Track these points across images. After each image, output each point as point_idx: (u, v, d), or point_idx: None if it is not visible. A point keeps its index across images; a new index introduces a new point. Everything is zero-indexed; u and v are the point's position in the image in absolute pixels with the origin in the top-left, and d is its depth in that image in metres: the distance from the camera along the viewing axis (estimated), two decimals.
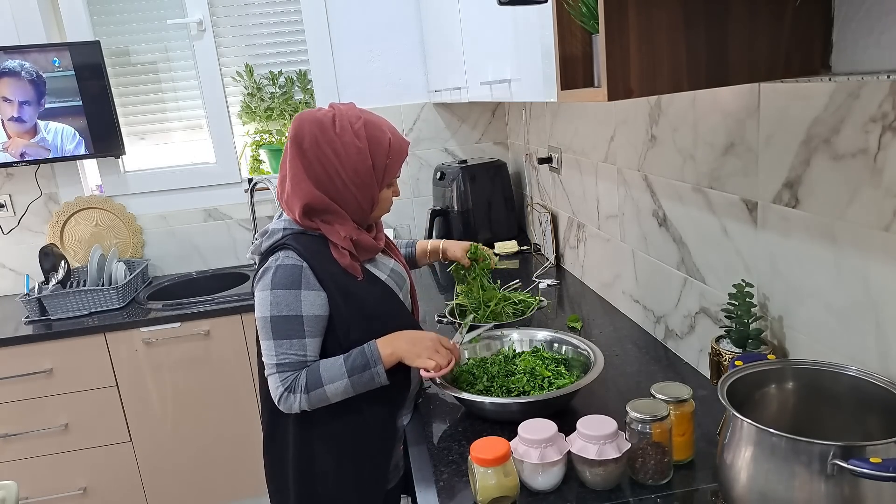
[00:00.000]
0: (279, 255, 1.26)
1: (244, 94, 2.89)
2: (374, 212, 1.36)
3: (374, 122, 1.32)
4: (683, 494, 1.03)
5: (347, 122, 1.29)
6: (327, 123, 1.28)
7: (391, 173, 1.34)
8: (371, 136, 1.29)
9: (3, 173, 2.69)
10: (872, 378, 0.89)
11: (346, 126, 1.28)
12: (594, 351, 1.37)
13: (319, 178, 1.28)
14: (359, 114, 1.32)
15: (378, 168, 1.31)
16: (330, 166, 1.27)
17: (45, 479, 2.43)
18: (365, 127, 1.29)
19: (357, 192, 1.30)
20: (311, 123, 1.28)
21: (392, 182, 1.37)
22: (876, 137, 0.89)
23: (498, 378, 1.36)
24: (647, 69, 0.88)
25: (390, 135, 1.33)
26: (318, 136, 1.27)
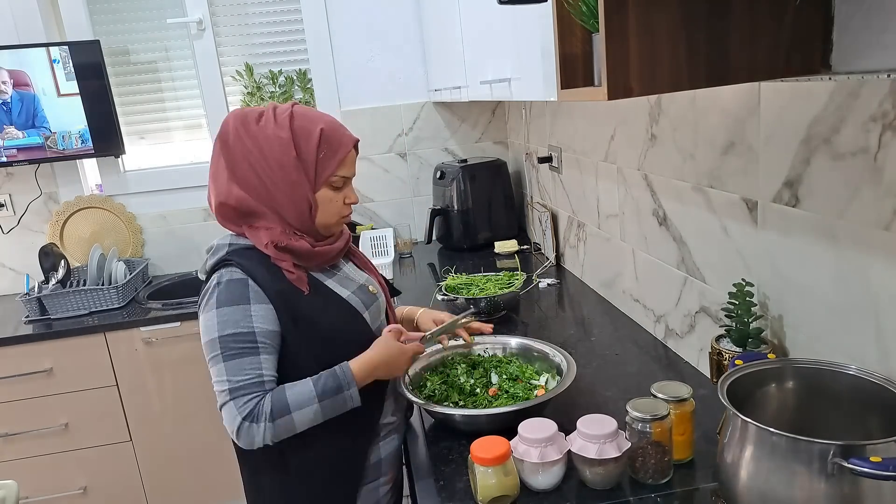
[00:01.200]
0: (222, 272, 1.16)
1: (244, 93, 2.89)
2: (318, 217, 1.21)
3: (304, 113, 1.20)
4: (683, 494, 1.03)
5: (273, 114, 1.18)
6: (252, 117, 1.18)
7: (326, 169, 1.19)
8: (298, 126, 1.17)
9: (3, 173, 2.69)
10: (872, 377, 0.89)
11: (270, 118, 1.18)
12: (566, 358, 1.36)
13: (244, 177, 1.17)
14: (289, 107, 1.20)
15: (307, 162, 1.17)
16: (254, 161, 1.16)
17: (45, 478, 2.43)
18: (292, 117, 1.18)
19: (287, 191, 1.17)
20: (234, 118, 1.19)
21: (338, 183, 1.22)
22: (876, 136, 0.89)
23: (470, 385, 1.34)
24: (648, 68, 0.87)
25: (323, 125, 1.19)
26: (241, 129, 1.17)
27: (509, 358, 1.45)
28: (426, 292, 2.24)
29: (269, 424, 1.09)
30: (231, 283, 1.15)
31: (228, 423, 1.11)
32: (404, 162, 2.99)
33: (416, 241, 2.96)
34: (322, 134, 1.18)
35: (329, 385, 1.13)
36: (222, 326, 1.13)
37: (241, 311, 1.13)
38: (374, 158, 2.96)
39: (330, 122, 1.22)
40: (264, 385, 1.12)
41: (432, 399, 1.32)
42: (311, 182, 1.19)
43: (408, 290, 2.32)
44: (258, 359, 1.12)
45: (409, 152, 2.99)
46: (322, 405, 1.13)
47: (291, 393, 1.12)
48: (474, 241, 2.72)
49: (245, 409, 1.09)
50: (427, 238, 2.77)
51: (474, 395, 1.32)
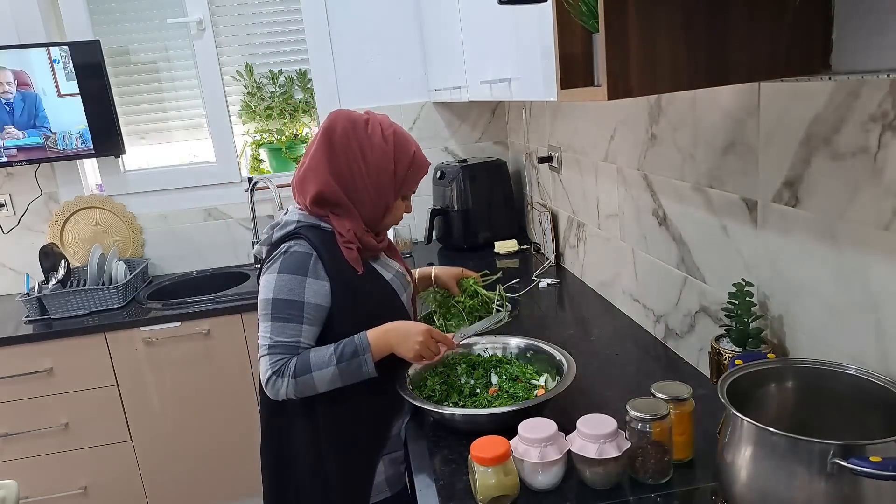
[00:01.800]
0: (291, 243, 1.30)
1: (244, 93, 2.89)
2: (386, 219, 1.40)
3: (403, 133, 1.38)
4: (683, 493, 1.03)
5: (379, 126, 1.35)
6: (360, 123, 1.33)
7: (410, 184, 1.40)
8: (399, 143, 1.35)
9: (3, 173, 2.69)
10: (872, 377, 0.89)
11: (378, 129, 1.34)
12: (566, 358, 1.36)
13: (341, 171, 1.32)
14: (391, 123, 1.38)
15: (399, 175, 1.36)
16: (354, 162, 1.32)
17: (45, 478, 2.43)
18: (395, 134, 1.35)
19: (374, 194, 1.34)
20: (345, 119, 1.33)
21: (408, 195, 1.42)
22: (876, 136, 0.89)
23: (471, 385, 1.35)
24: (647, 68, 0.88)
25: (416, 148, 1.39)
26: (350, 131, 1.32)
27: (509, 358, 1.45)
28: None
29: (291, 381, 1.24)
30: (297, 254, 1.28)
31: (262, 373, 1.27)
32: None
33: (416, 240, 2.96)
34: (415, 156, 1.38)
35: (347, 350, 1.25)
36: (278, 290, 1.27)
37: (298, 280, 1.27)
38: None
39: (418, 147, 1.42)
40: (297, 349, 1.26)
41: (432, 399, 1.32)
42: (395, 192, 1.38)
43: None
44: (300, 327, 1.27)
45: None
46: (339, 367, 1.24)
47: (314, 354, 1.25)
48: (474, 241, 2.72)
49: (276, 364, 1.24)
50: (427, 238, 2.77)
51: (474, 396, 1.32)
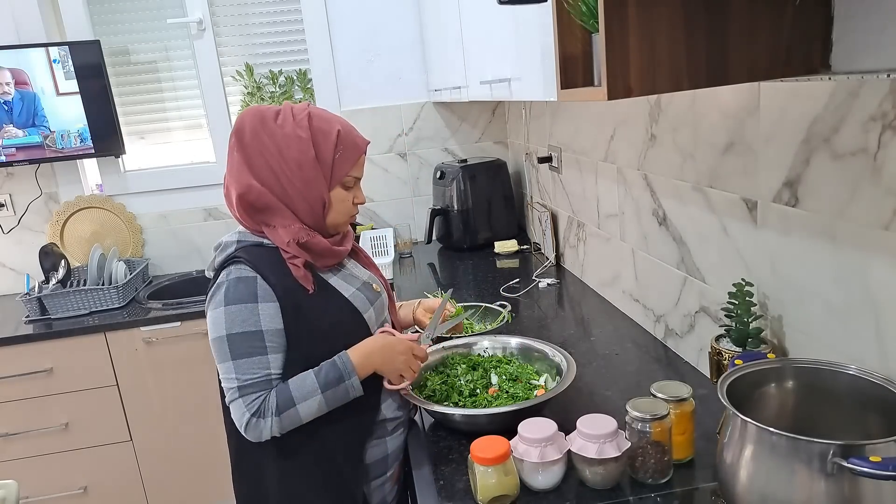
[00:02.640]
0: (231, 269, 1.18)
1: (244, 93, 2.89)
2: (329, 216, 1.25)
3: (321, 115, 1.24)
4: (683, 493, 1.03)
5: (291, 114, 1.21)
6: (269, 115, 1.21)
7: (342, 169, 1.23)
8: (316, 126, 1.21)
9: (4, 172, 2.69)
10: (872, 377, 0.90)
11: (289, 117, 1.21)
12: (566, 358, 1.36)
13: (261, 173, 1.19)
14: (306, 107, 1.23)
15: (324, 161, 1.21)
16: (272, 158, 1.19)
17: (45, 478, 2.43)
18: (309, 118, 1.21)
19: (303, 189, 1.20)
20: (252, 116, 1.21)
21: (349, 183, 1.26)
22: (876, 136, 0.89)
23: (471, 385, 1.34)
24: (647, 68, 0.88)
25: (339, 127, 1.23)
26: (259, 127, 1.19)
27: (509, 358, 1.45)
28: (426, 291, 2.24)
29: (275, 419, 1.13)
30: (240, 280, 1.16)
31: (237, 419, 1.15)
32: (404, 162, 2.99)
33: (416, 241, 2.96)
34: (339, 135, 1.22)
35: (331, 376, 1.16)
36: (230, 325, 1.15)
37: (249, 309, 1.15)
38: (374, 158, 2.96)
39: (345, 124, 1.25)
40: (271, 383, 1.15)
41: (432, 399, 1.32)
42: (326, 181, 1.22)
43: (408, 290, 2.33)
44: (266, 358, 1.15)
45: (409, 152, 2.99)
46: (325, 395, 1.15)
47: (295, 387, 1.15)
48: (474, 241, 2.72)
49: (253, 405, 1.13)
50: (427, 238, 2.77)
51: (474, 396, 1.32)
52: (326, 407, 1.17)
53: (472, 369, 1.40)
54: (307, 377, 1.16)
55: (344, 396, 1.18)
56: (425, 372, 1.41)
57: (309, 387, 1.15)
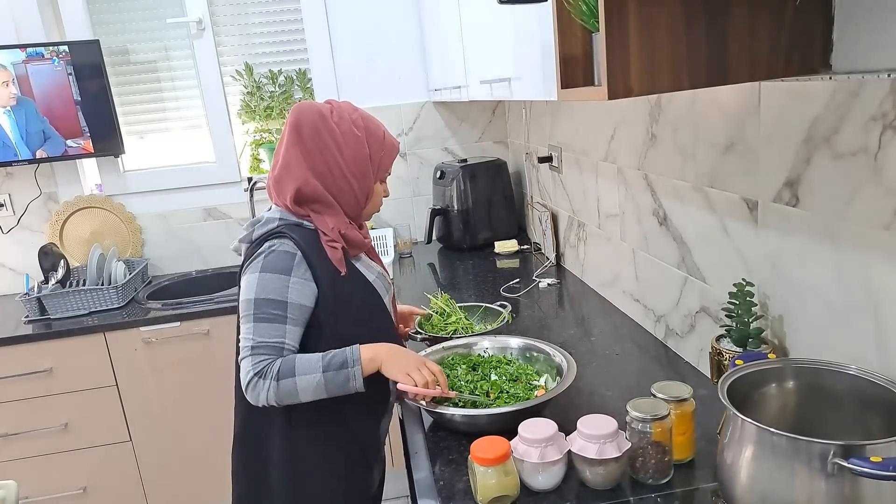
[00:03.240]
0: (274, 241, 1.26)
1: (244, 93, 2.89)
2: (368, 206, 1.38)
3: (369, 116, 1.37)
4: (683, 494, 1.03)
5: (346, 112, 1.33)
6: (326, 113, 1.30)
7: (385, 166, 1.37)
8: (368, 126, 1.34)
9: (3, 172, 2.69)
10: (873, 377, 0.89)
11: (345, 116, 1.32)
12: (567, 358, 1.36)
13: (317, 167, 1.28)
14: (355, 108, 1.36)
15: (374, 159, 1.33)
16: (329, 155, 1.28)
17: (45, 478, 2.43)
18: (362, 119, 1.34)
19: (354, 183, 1.31)
20: (311, 113, 1.30)
21: (384, 178, 1.40)
22: (876, 136, 0.89)
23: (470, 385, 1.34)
24: (648, 68, 0.87)
25: (384, 129, 1.37)
26: (319, 124, 1.28)
27: (509, 358, 1.45)
28: (426, 292, 2.24)
29: (273, 383, 1.19)
30: (281, 253, 1.25)
31: (242, 376, 1.21)
32: (404, 162, 2.99)
33: (416, 240, 2.96)
34: (385, 136, 1.36)
35: (336, 360, 1.21)
36: (261, 290, 1.23)
37: (281, 280, 1.23)
38: None
39: (385, 127, 1.39)
40: (283, 351, 1.22)
41: (432, 399, 1.31)
42: (374, 175, 1.35)
43: (408, 290, 2.33)
44: (284, 327, 1.22)
45: (409, 152, 2.99)
46: (325, 376, 1.20)
47: (300, 359, 1.21)
48: (474, 241, 2.72)
49: (259, 366, 1.19)
50: (427, 238, 2.77)
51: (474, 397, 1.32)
52: (325, 390, 1.21)
53: (472, 370, 1.40)
54: (315, 355, 1.22)
55: (343, 383, 1.21)
56: None
57: (313, 364, 1.20)
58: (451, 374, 1.39)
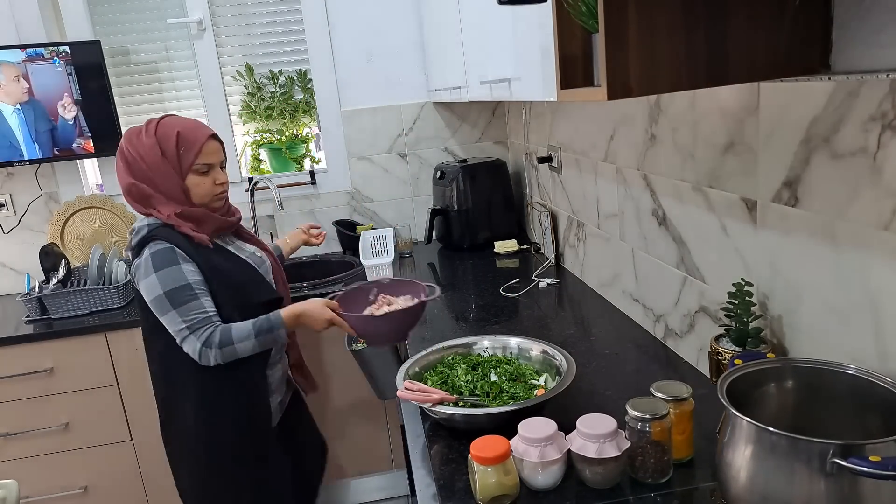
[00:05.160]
0: (150, 244, 1.51)
1: (244, 93, 2.90)
2: (194, 197, 1.58)
3: (168, 122, 1.57)
4: (683, 493, 1.03)
5: (146, 128, 1.56)
6: (135, 132, 1.57)
7: (187, 161, 1.55)
8: (160, 133, 1.55)
9: (4, 172, 2.69)
10: (872, 377, 0.90)
11: (145, 130, 1.56)
12: (566, 358, 1.36)
13: (134, 171, 1.55)
14: (158, 120, 1.58)
15: (171, 158, 1.54)
16: (139, 162, 1.54)
17: (45, 478, 2.43)
18: (157, 127, 1.56)
19: (163, 180, 1.55)
20: (126, 136, 1.58)
21: (202, 169, 1.57)
22: (875, 136, 0.89)
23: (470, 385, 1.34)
24: (647, 68, 0.88)
25: (179, 129, 1.55)
26: (128, 143, 1.56)
27: (509, 358, 1.45)
28: None
29: (217, 351, 1.50)
30: (160, 251, 1.50)
31: (191, 351, 1.51)
32: (404, 162, 2.99)
33: (416, 240, 2.96)
34: (179, 135, 1.55)
35: (264, 326, 1.53)
36: (164, 284, 1.48)
37: (175, 270, 1.50)
38: (374, 158, 2.97)
39: (187, 125, 1.58)
40: (211, 318, 1.52)
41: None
42: (178, 172, 1.56)
43: None
44: (199, 302, 1.51)
45: (409, 152, 2.99)
46: (258, 339, 1.53)
47: (236, 330, 1.52)
48: (474, 241, 2.72)
49: (203, 336, 1.50)
50: (427, 238, 2.77)
51: (474, 398, 1.32)
52: (260, 347, 1.55)
53: (471, 369, 1.40)
54: (246, 324, 1.53)
55: (273, 341, 1.57)
56: (425, 372, 1.41)
57: (246, 331, 1.52)
58: (450, 373, 1.39)
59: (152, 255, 1.50)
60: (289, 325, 1.56)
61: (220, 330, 1.51)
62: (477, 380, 1.36)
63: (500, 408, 1.22)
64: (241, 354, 1.53)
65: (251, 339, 1.52)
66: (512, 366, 1.40)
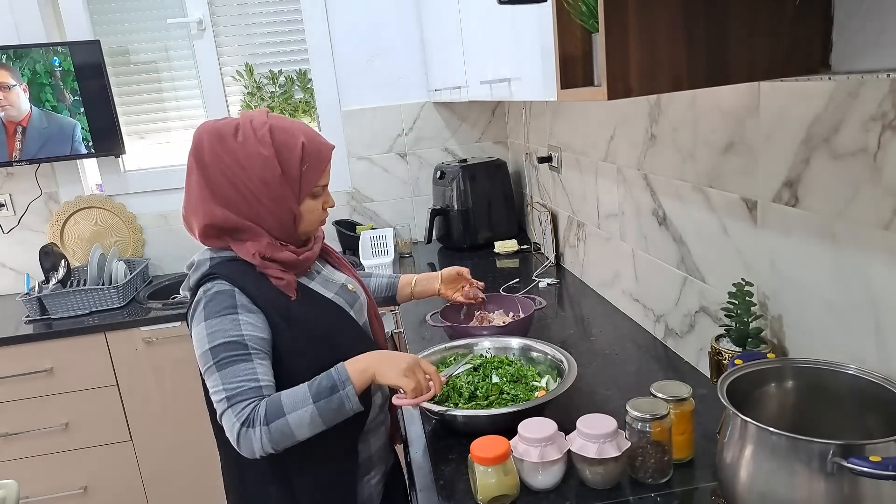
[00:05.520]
0: (207, 285, 1.15)
1: (244, 93, 2.90)
2: (301, 226, 1.22)
3: (283, 126, 1.18)
4: (683, 493, 1.03)
5: (251, 129, 1.16)
6: (227, 133, 1.16)
7: (310, 182, 1.20)
8: (279, 141, 1.16)
9: (4, 172, 2.69)
10: (872, 377, 0.90)
11: (250, 134, 1.15)
12: (567, 359, 1.36)
13: (226, 195, 1.15)
14: (265, 120, 1.18)
15: (291, 177, 1.17)
16: (237, 180, 1.15)
17: (45, 478, 2.43)
18: (271, 132, 1.16)
19: (272, 207, 1.17)
20: (210, 134, 1.16)
21: (318, 192, 1.23)
22: (876, 136, 0.89)
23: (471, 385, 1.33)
24: (647, 68, 0.88)
25: (304, 139, 1.18)
26: (218, 146, 1.15)
27: (510, 359, 1.45)
28: None
29: (264, 428, 1.06)
30: (218, 294, 1.14)
31: (228, 431, 1.09)
32: (404, 162, 2.99)
33: (416, 240, 2.96)
34: (304, 148, 1.18)
35: (324, 385, 1.09)
36: (212, 337, 1.12)
37: (229, 321, 1.12)
38: (374, 158, 2.96)
39: (309, 134, 1.20)
40: (261, 390, 1.09)
41: (433, 399, 1.31)
42: (295, 195, 1.19)
43: None
44: (251, 364, 1.10)
45: (409, 152, 2.99)
46: (318, 406, 1.07)
47: (286, 396, 1.09)
48: (474, 241, 2.72)
49: (242, 414, 1.06)
50: (427, 238, 2.77)
51: (474, 399, 1.32)
52: (321, 420, 1.08)
53: (473, 370, 1.40)
54: (301, 387, 1.10)
55: (339, 408, 1.09)
56: None
57: (300, 396, 1.08)
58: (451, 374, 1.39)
59: (207, 299, 1.14)
60: (357, 378, 1.11)
61: (268, 401, 1.07)
62: (478, 381, 1.35)
63: (501, 409, 1.22)
64: (297, 435, 1.08)
65: (308, 405, 1.07)
66: (514, 367, 1.40)
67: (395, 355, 1.16)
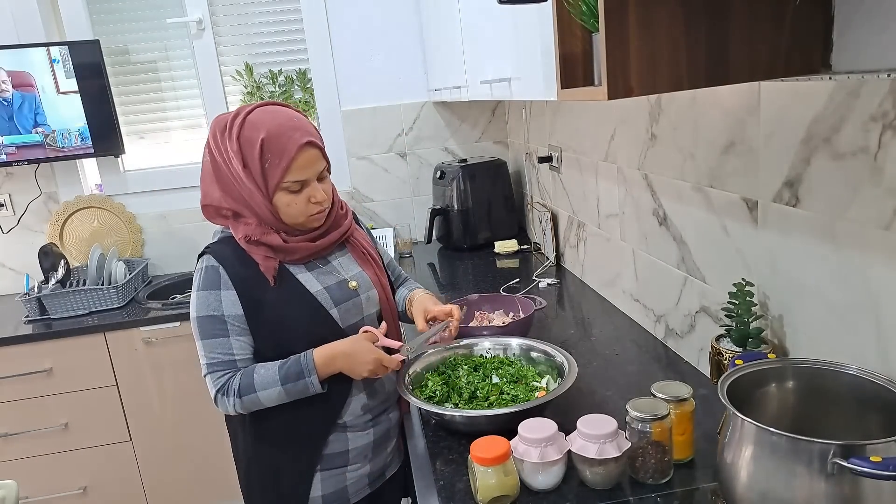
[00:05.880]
0: (203, 258, 1.27)
1: (244, 93, 2.89)
2: (284, 218, 1.25)
3: (254, 120, 1.21)
4: (683, 493, 1.03)
5: (233, 122, 1.22)
6: (220, 126, 1.24)
7: (274, 178, 1.20)
8: (244, 136, 1.20)
9: (3, 172, 2.69)
10: (872, 377, 0.89)
11: (232, 127, 1.21)
12: (568, 359, 1.36)
13: (223, 181, 1.24)
14: (249, 110, 1.23)
15: (254, 172, 1.20)
16: (226, 166, 1.23)
17: (45, 478, 2.43)
18: (241, 127, 1.20)
19: (249, 197, 1.23)
20: (215, 124, 1.26)
21: (293, 187, 1.22)
22: (876, 136, 0.89)
23: (470, 386, 1.33)
24: (648, 68, 0.87)
25: (265, 134, 1.18)
26: (218, 138, 1.24)
27: (511, 359, 1.45)
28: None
29: (237, 399, 1.22)
30: (208, 269, 1.25)
31: (210, 391, 1.25)
32: (404, 162, 2.99)
33: (416, 240, 2.96)
34: (263, 144, 1.18)
35: (291, 370, 1.22)
36: (199, 308, 1.25)
37: (213, 295, 1.24)
38: (374, 158, 2.96)
39: (275, 128, 1.19)
40: (236, 364, 1.24)
41: (433, 400, 1.31)
42: (261, 190, 1.22)
43: None
44: (228, 341, 1.23)
45: (409, 152, 2.99)
46: (285, 388, 1.22)
47: (258, 374, 1.22)
48: (474, 241, 2.72)
49: (218, 383, 1.23)
50: (427, 238, 2.77)
51: (475, 399, 1.31)
52: (287, 397, 1.23)
53: (473, 370, 1.40)
54: (272, 368, 1.23)
55: (304, 391, 1.23)
56: (426, 372, 1.41)
57: (270, 377, 1.22)
58: (452, 374, 1.39)
59: (201, 272, 1.25)
60: (323, 367, 1.22)
61: (242, 374, 1.22)
62: (478, 381, 1.35)
63: (501, 409, 1.22)
64: (265, 404, 1.23)
65: (276, 386, 1.21)
66: (514, 367, 1.40)
67: (362, 355, 1.24)
